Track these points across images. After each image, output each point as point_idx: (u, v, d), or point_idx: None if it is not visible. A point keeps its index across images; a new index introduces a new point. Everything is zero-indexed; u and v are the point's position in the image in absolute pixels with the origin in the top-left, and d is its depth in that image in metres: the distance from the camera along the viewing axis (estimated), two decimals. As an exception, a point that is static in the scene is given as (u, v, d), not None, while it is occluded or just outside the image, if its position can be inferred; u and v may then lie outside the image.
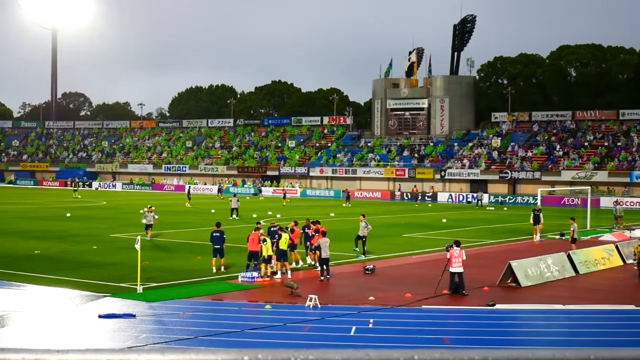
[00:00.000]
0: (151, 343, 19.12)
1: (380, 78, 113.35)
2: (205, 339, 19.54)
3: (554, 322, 23.18)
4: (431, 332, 20.96)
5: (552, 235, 47.08)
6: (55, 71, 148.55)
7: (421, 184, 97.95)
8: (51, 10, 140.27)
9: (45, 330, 20.69)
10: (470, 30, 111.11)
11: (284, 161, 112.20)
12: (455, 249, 26.75)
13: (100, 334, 20.25)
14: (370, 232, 36.93)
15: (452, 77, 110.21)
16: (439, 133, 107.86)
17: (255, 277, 28.53)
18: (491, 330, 21.53)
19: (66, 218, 56.60)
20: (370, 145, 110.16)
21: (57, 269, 31.20)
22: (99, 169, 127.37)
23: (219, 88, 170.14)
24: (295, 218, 38.95)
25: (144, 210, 47.80)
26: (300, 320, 21.91)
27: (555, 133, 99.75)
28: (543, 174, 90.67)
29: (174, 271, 30.93)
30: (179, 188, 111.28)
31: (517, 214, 67.24)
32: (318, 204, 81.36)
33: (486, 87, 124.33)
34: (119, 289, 26.55)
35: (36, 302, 24.75)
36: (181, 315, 22.57)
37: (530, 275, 28.80)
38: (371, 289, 27.13)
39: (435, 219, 62.14)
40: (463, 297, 25.93)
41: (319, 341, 19.68)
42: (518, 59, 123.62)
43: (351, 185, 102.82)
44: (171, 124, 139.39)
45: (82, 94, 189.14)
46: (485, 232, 51.07)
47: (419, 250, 39.51)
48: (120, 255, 35.15)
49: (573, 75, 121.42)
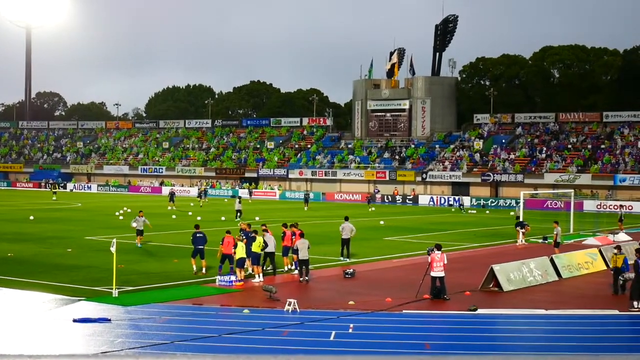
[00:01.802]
0: (127, 348, 19.05)
1: (361, 78, 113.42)
2: (181, 343, 19.49)
3: (537, 327, 23.27)
4: (412, 338, 21.00)
5: (535, 239, 47.28)
6: (29, 70, 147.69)
7: (402, 186, 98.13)
8: (25, 7, 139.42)
9: (17, 335, 20.55)
10: (452, 31, 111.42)
11: (263, 163, 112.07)
12: (437, 252, 26.80)
13: (75, 339, 20.14)
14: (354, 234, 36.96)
15: (433, 78, 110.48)
16: (420, 135, 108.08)
17: (233, 280, 28.49)
18: (473, 336, 21.60)
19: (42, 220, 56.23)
20: (350, 147, 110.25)
21: (30, 272, 31.03)
22: (74, 170, 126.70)
23: (197, 88, 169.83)
24: (264, 221, 38.92)
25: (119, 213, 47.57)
26: (278, 325, 21.89)
27: (538, 135, 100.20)
28: (526, 177, 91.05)
29: (151, 274, 30.83)
30: (155, 190, 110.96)
31: (499, 217, 67.52)
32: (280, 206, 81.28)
33: (468, 89, 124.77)
34: (94, 293, 26.44)
35: (8, 306, 24.59)
36: (157, 319, 22.51)
37: (512, 280, 28.91)
38: (351, 293, 27.14)
39: (417, 222, 62.28)
40: (444, 301, 25.99)
41: (297, 346, 19.68)
42: (500, 59, 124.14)
43: (331, 187, 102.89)
44: (148, 124, 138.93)
45: (56, 94, 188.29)
46: (467, 235, 51.22)
47: (399, 254, 39.57)
48: (96, 258, 34.99)
49: (556, 76, 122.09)
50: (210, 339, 20.04)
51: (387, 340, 20.49)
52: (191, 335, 20.36)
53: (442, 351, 19.46)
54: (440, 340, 20.80)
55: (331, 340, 20.27)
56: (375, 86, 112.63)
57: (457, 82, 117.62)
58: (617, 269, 27.88)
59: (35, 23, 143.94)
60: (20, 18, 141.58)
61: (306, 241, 30.55)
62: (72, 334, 20.69)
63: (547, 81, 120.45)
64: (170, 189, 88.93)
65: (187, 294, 26.67)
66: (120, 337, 20.17)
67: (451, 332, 22.20)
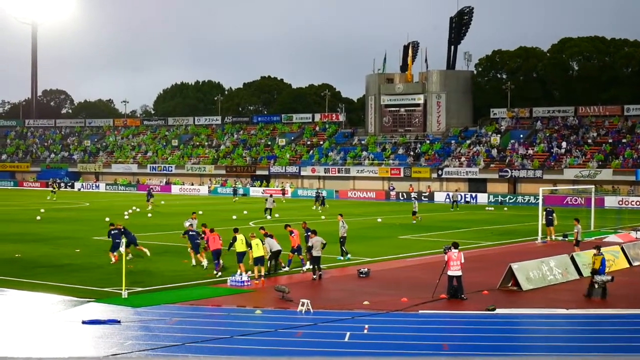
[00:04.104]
0: (137, 350, 19.10)
1: (374, 73, 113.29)
2: (193, 345, 19.53)
3: (557, 327, 23.21)
4: (429, 339, 20.98)
5: (555, 236, 47.12)
6: (35, 68, 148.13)
7: (417, 183, 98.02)
8: (31, 4, 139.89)
9: (26, 337, 20.64)
10: (468, 23, 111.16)
11: (274, 160, 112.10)
12: (454, 251, 26.75)
13: (84, 341, 20.22)
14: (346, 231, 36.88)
15: (448, 71, 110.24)
16: (436, 130, 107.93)
17: (245, 281, 28.57)
18: (491, 336, 21.55)
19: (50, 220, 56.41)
20: (363, 143, 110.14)
21: (38, 273, 31.17)
22: (82, 169, 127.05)
23: (206, 84, 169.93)
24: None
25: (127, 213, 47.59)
26: (292, 326, 21.90)
27: (557, 130, 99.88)
28: (544, 173, 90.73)
29: (161, 275, 30.91)
30: (164, 189, 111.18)
31: (518, 215, 67.34)
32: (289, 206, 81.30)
33: (484, 82, 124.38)
34: (103, 294, 26.52)
35: (17, 307, 24.70)
36: (168, 320, 22.56)
37: (532, 279, 28.83)
38: (366, 293, 27.13)
39: (433, 220, 62.18)
40: (462, 301, 25.95)
41: (311, 347, 19.68)
42: (517, 52, 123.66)
43: (344, 184, 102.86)
44: (156, 122, 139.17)
45: (63, 91, 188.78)
46: (484, 233, 51.11)
47: (415, 253, 39.51)
48: (105, 258, 35.09)
49: (575, 69, 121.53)
50: (223, 340, 20.08)
51: (403, 341, 20.48)
52: (203, 336, 20.40)
53: (460, 352, 19.43)
54: (457, 341, 20.76)
55: (346, 341, 20.26)
56: (389, 81, 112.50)
57: (473, 76, 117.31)
58: (595, 270, 27.08)
59: (41, 20, 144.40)
60: (25, 15, 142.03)
61: (320, 239, 30.75)
62: (81, 336, 20.76)
63: (565, 74, 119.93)
64: (149, 187, 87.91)
65: (198, 295, 26.73)
66: (130, 339, 20.23)
67: (469, 332, 22.16)
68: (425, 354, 19.21)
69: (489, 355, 19.27)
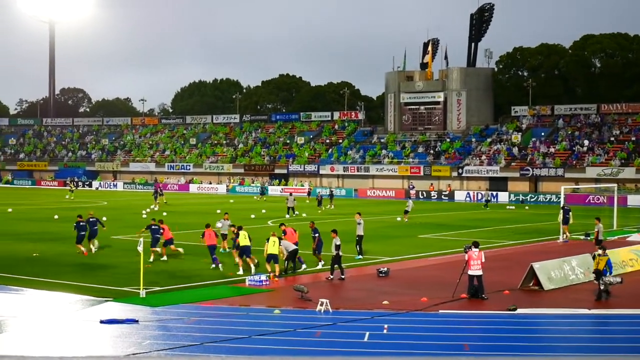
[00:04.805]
0: (155, 350, 19.16)
1: (394, 71, 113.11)
2: (211, 345, 19.57)
3: (579, 327, 23.12)
4: (449, 339, 20.93)
5: (577, 235, 46.93)
6: (53, 66, 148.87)
7: (437, 182, 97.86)
8: (49, 2, 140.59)
9: (44, 337, 20.75)
10: (488, 20, 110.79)
11: (293, 159, 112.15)
12: (474, 250, 26.69)
13: (102, 340, 20.30)
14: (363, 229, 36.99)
15: (469, 69, 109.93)
16: (456, 128, 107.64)
17: (264, 280, 28.61)
18: (513, 337, 21.48)
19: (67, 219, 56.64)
20: (383, 142, 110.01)
21: (56, 272, 31.33)
22: (99, 167, 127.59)
23: (224, 82, 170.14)
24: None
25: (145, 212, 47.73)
26: (311, 326, 21.91)
27: (579, 127, 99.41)
28: (566, 171, 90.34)
29: (179, 274, 30.99)
30: (182, 187, 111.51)
31: (539, 214, 67.07)
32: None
33: (505, 80, 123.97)
34: (121, 293, 26.63)
35: (35, 307, 24.83)
36: (186, 320, 22.62)
37: (553, 278, 28.72)
38: (385, 292, 27.11)
39: (453, 218, 62.06)
40: (482, 301, 25.88)
41: (330, 347, 19.68)
42: (539, 49, 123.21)
43: (363, 183, 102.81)
44: (174, 120, 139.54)
45: (81, 90, 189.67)
46: (505, 232, 50.95)
47: (435, 252, 39.45)
48: (122, 257, 35.23)
49: (597, 66, 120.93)
50: (241, 340, 20.11)
51: (423, 341, 20.45)
52: (221, 336, 20.44)
53: (480, 352, 19.38)
54: (478, 341, 20.71)
55: (365, 341, 20.25)
56: (409, 78, 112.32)
57: (494, 73, 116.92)
58: (599, 271, 26.55)
59: (59, 18, 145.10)
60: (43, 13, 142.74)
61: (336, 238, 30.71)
62: (99, 335, 20.85)
63: (588, 71, 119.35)
64: (158, 185, 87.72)
65: (216, 294, 26.78)
66: (148, 338, 20.29)
67: (490, 332, 22.11)
68: (446, 355, 19.18)
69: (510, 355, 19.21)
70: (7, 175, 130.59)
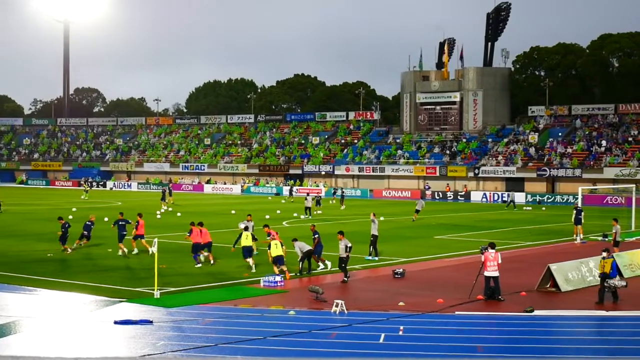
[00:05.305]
0: (169, 351, 19.19)
1: (409, 70, 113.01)
2: (225, 346, 19.59)
3: (597, 329, 23.03)
4: (465, 340, 20.88)
5: (595, 236, 46.74)
6: (67, 66, 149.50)
7: (453, 182, 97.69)
8: (63, 2, 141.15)
9: (58, 337, 20.82)
10: (505, 19, 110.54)
11: (308, 159, 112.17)
12: (491, 251, 26.62)
13: (116, 341, 20.35)
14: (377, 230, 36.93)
15: (485, 68, 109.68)
16: (472, 128, 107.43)
17: (279, 281, 28.61)
18: (529, 338, 21.39)
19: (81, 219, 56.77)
20: (399, 142, 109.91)
21: (70, 272, 31.45)
22: (114, 167, 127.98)
23: (239, 82, 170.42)
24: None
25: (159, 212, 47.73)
26: (326, 327, 21.91)
27: (597, 128, 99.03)
28: (584, 172, 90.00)
29: (193, 275, 31.04)
30: (197, 188, 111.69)
31: (556, 214, 66.84)
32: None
33: (522, 79, 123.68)
34: (135, 294, 26.68)
35: (49, 307, 24.92)
36: (200, 321, 22.64)
37: (571, 280, 28.61)
38: (401, 293, 27.08)
39: (469, 219, 61.92)
40: (499, 302, 25.81)
41: (346, 349, 19.67)
42: (556, 49, 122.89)
43: (379, 184, 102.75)
44: (189, 120, 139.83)
45: (95, 90, 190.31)
46: (522, 233, 50.80)
47: (451, 253, 39.38)
48: (136, 258, 35.32)
49: (615, 65, 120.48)
50: (256, 341, 20.12)
51: (439, 342, 20.41)
52: (235, 337, 20.45)
53: (497, 354, 19.33)
54: (494, 343, 20.67)
55: (381, 342, 20.23)
56: (424, 78, 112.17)
57: (511, 73, 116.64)
58: (605, 274, 26.12)
59: (73, 18, 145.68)
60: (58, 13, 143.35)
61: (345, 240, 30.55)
62: (113, 336, 20.90)
63: (605, 71, 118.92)
64: (163, 187, 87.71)
65: (231, 295, 26.80)
66: (162, 339, 20.33)
67: (506, 334, 22.05)
68: (462, 356, 19.14)
69: (527, 357, 19.15)
70: (22, 176, 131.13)
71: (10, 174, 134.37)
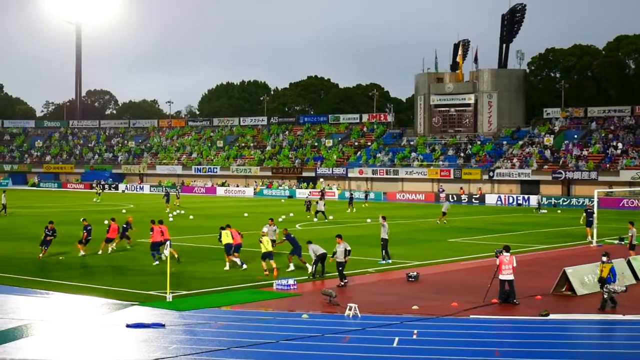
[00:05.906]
0: (182, 354, 19.21)
1: (423, 72, 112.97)
2: (238, 350, 19.59)
3: (613, 333, 22.93)
4: (480, 344, 20.82)
5: (610, 240, 46.58)
6: (79, 68, 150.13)
7: (468, 185, 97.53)
8: (75, 4, 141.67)
9: (70, 340, 20.87)
10: (520, 21, 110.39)
11: (321, 161, 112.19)
12: (505, 254, 26.55)
13: (128, 345, 20.38)
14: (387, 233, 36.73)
15: (500, 70, 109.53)
16: (487, 130, 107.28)
17: (292, 284, 28.60)
18: (545, 342, 21.31)
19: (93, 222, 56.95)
20: (412, 144, 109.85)
21: (82, 275, 31.55)
22: (126, 170, 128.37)
23: (251, 84, 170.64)
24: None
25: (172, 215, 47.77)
26: (339, 331, 21.88)
27: (613, 130, 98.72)
28: (600, 174, 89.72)
29: (206, 278, 31.07)
30: (209, 190, 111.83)
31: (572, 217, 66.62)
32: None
33: (537, 81, 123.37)
34: (148, 297, 26.72)
35: (61, 310, 24.99)
36: (213, 325, 22.66)
37: (586, 283, 28.50)
38: (415, 297, 27.04)
39: (484, 222, 61.80)
40: (514, 306, 25.74)
41: (359, 353, 19.65)
42: (571, 50, 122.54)
43: (393, 186, 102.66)
44: (201, 122, 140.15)
45: (107, 92, 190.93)
46: (537, 236, 50.66)
47: (465, 256, 39.32)
48: (149, 261, 35.37)
49: (632, 67, 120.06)
50: (268, 345, 20.12)
51: (453, 347, 20.36)
52: (248, 341, 20.45)
53: (512, 358, 19.28)
54: (509, 347, 20.60)
55: (394, 346, 20.20)
56: (439, 80, 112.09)
57: (526, 75, 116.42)
58: (603, 279, 25.75)
59: (86, 20, 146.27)
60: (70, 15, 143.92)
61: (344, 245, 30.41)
62: (125, 339, 20.93)
63: (622, 72, 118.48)
64: (166, 189, 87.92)
65: (244, 299, 26.81)
66: (174, 343, 20.35)
67: (521, 338, 21.97)
68: (476, 361, 19.09)
69: (542, 362, 19.09)
70: (34, 178, 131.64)
71: (23, 176, 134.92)
